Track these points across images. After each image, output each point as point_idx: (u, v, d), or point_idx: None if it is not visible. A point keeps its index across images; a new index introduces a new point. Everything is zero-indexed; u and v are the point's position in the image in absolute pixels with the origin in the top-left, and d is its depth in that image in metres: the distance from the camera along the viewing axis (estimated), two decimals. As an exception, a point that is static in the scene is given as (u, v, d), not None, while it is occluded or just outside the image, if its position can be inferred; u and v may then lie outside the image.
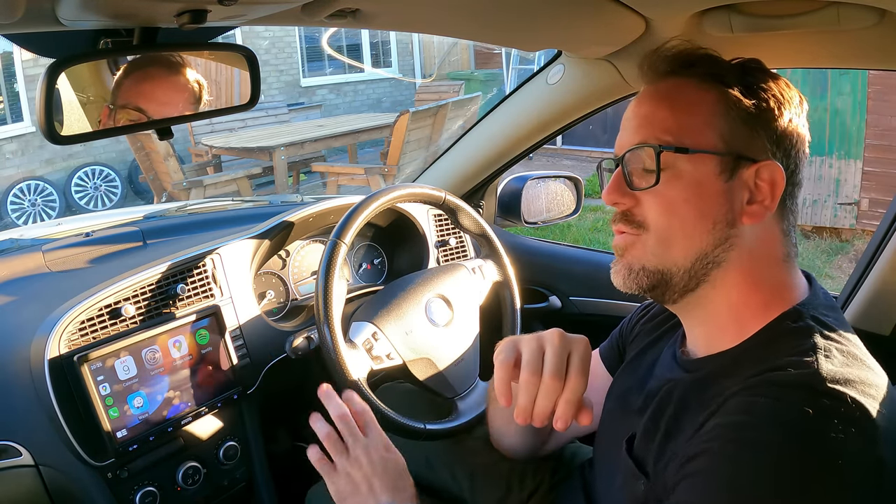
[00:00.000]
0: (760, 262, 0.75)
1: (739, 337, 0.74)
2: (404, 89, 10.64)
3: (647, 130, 0.76)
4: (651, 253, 0.75)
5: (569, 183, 1.80)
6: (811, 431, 0.60)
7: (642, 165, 0.75)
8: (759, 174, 0.73)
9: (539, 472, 1.14)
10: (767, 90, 0.75)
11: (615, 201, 0.77)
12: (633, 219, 0.77)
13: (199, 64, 0.97)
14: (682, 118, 0.75)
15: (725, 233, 0.73)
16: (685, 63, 0.77)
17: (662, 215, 0.74)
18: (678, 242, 0.74)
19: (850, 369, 0.65)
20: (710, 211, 0.73)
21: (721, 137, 0.73)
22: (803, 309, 0.72)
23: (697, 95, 0.75)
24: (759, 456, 0.60)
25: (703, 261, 0.74)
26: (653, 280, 0.76)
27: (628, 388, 0.90)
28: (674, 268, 0.75)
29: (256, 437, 1.32)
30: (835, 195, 5.05)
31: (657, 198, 0.74)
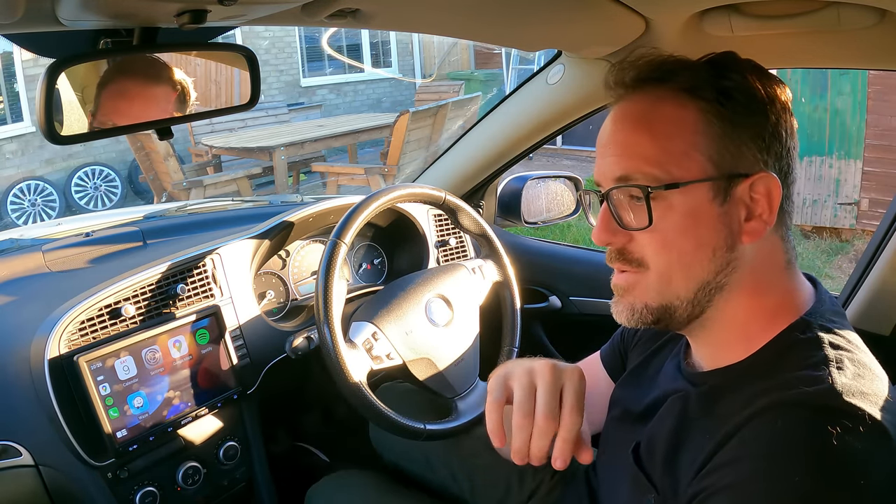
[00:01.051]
0: (763, 275, 0.73)
1: (747, 350, 0.72)
2: (404, 89, 10.64)
3: (629, 162, 0.72)
4: (653, 291, 0.73)
5: (569, 183, 1.80)
6: (833, 455, 0.59)
7: (629, 198, 0.72)
8: (754, 188, 0.70)
9: (539, 473, 1.14)
10: (746, 90, 0.71)
11: (607, 241, 0.75)
12: (630, 257, 0.74)
13: (200, 64, 0.97)
14: (665, 144, 0.71)
15: (726, 258, 0.71)
16: (656, 76, 0.73)
17: (660, 253, 0.72)
18: (678, 276, 0.72)
19: (863, 381, 0.64)
20: (708, 239, 0.71)
21: (709, 159, 0.70)
22: (811, 318, 0.71)
23: (676, 114, 0.71)
24: (783, 487, 0.59)
25: (705, 289, 0.72)
26: (656, 315, 0.74)
27: (632, 397, 0.89)
28: (676, 301, 0.73)
29: (256, 437, 1.32)
30: (835, 195, 5.05)
31: (652, 235, 0.71)
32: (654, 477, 0.75)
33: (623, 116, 0.74)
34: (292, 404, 1.66)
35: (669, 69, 0.73)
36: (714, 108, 0.70)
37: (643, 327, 0.76)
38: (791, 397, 0.63)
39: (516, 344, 1.36)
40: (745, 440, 0.63)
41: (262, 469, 1.33)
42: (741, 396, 0.67)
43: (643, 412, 0.84)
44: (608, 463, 0.92)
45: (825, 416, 0.60)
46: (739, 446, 0.63)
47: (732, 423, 0.65)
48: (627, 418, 0.88)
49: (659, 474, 0.73)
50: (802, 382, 0.64)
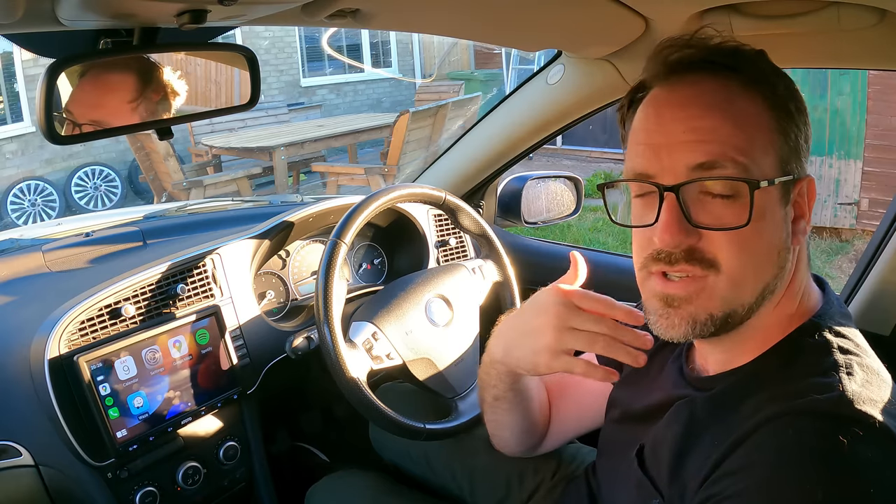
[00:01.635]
0: (793, 277, 0.71)
1: (754, 353, 0.71)
2: (404, 89, 10.64)
3: (715, 148, 0.64)
4: (720, 298, 0.67)
5: (569, 183, 1.80)
6: (845, 463, 0.58)
7: (712, 192, 0.65)
8: (801, 191, 0.69)
9: (539, 473, 1.14)
10: (793, 89, 0.68)
11: (680, 242, 0.66)
12: (702, 256, 0.66)
13: (200, 64, 0.97)
14: (752, 134, 0.65)
15: (784, 259, 0.69)
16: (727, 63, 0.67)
17: (737, 255, 0.66)
18: (749, 281, 0.67)
19: (872, 387, 0.63)
20: (776, 241, 0.68)
21: (780, 159, 0.66)
22: (820, 321, 0.70)
23: (751, 106, 0.66)
24: (795, 495, 0.58)
25: (763, 293, 0.68)
26: (718, 325, 0.68)
27: (632, 398, 0.89)
28: (740, 308, 0.68)
29: (256, 437, 1.32)
30: (835, 195, 5.05)
31: (730, 235, 0.65)
32: (659, 482, 0.74)
33: (690, 100, 0.67)
34: (292, 404, 1.66)
35: (740, 58, 0.68)
36: (781, 105, 0.67)
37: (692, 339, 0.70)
38: (802, 405, 0.62)
39: (516, 344, 1.36)
40: (756, 447, 0.62)
41: (261, 469, 1.33)
42: (750, 402, 0.67)
43: (644, 414, 0.83)
44: (609, 465, 0.91)
45: (837, 424, 0.60)
46: (750, 453, 0.63)
47: (742, 429, 0.64)
48: (628, 420, 0.88)
49: (665, 480, 0.72)
50: (813, 390, 0.63)
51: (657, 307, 0.70)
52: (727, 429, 0.66)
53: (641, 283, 0.73)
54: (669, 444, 0.73)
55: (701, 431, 0.71)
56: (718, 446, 0.66)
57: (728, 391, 0.71)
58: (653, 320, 0.71)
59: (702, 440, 0.70)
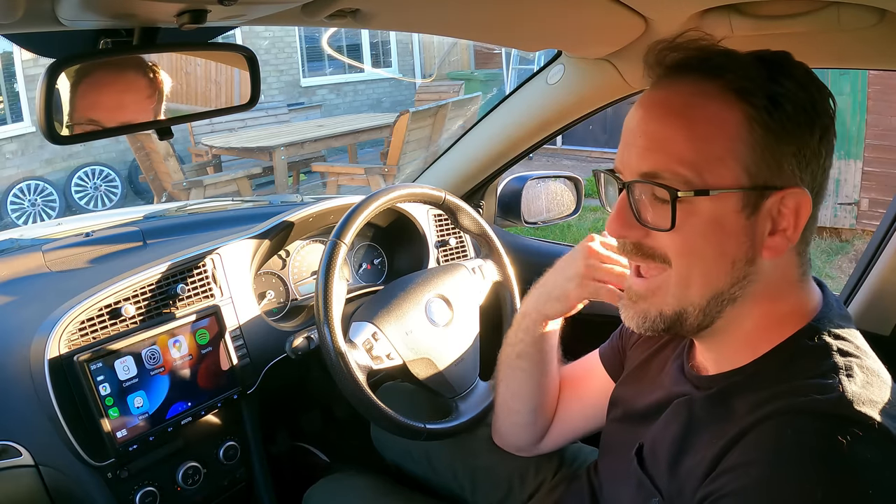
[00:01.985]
0: (776, 288, 0.71)
1: (753, 355, 0.71)
2: (404, 89, 10.64)
3: (659, 158, 0.67)
4: (672, 295, 0.70)
5: (569, 183, 1.80)
6: (844, 463, 0.58)
7: (652, 195, 0.68)
8: (784, 202, 0.66)
9: (540, 473, 1.14)
10: (796, 101, 0.65)
11: (623, 234, 0.71)
12: (652, 252, 0.70)
13: (200, 64, 0.97)
14: (702, 146, 0.66)
15: (744, 271, 0.68)
16: (705, 67, 0.67)
17: (681, 255, 0.68)
18: (696, 282, 0.69)
19: (872, 388, 0.64)
20: (730, 250, 0.67)
21: (744, 169, 0.65)
22: (819, 325, 0.70)
23: (719, 115, 0.66)
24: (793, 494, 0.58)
25: (717, 300, 0.69)
26: (668, 323, 0.72)
27: (633, 397, 0.89)
28: (689, 307, 0.70)
29: (256, 437, 1.32)
30: (835, 195, 5.05)
31: (672, 237, 0.68)
32: (658, 481, 0.74)
33: (659, 104, 0.69)
34: (292, 404, 1.66)
35: (721, 63, 0.67)
36: (760, 117, 0.65)
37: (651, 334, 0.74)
38: (802, 404, 0.63)
39: (516, 344, 1.36)
40: (755, 444, 0.63)
41: (261, 469, 1.33)
42: (749, 401, 0.67)
43: (645, 413, 0.83)
44: (610, 464, 0.91)
45: (836, 424, 0.60)
46: (749, 450, 0.63)
47: (740, 426, 0.65)
48: (629, 419, 0.88)
49: (664, 478, 0.73)
50: (813, 390, 0.63)
51: (624, 300, 0.77)
52: (725, 427, 0.67)
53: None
54: (668, 443, 0.74)
55: (699, 430, 0.71)
56: (717, 444, 0.66)
57: (727, 390, 0.71)
58: (620, 311, 0.78)
59: (700, 438, 0.70)
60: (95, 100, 0.86)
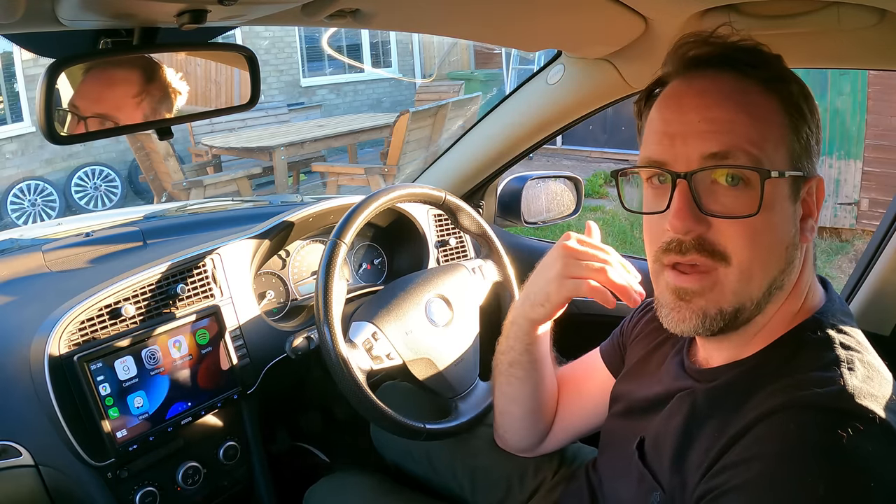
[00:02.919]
0: (799, 275, 0.72)
1: (757, 346, 0.72)
2: (404, 89, 10.64)
3: (728, 138, 0.65)
4: (731, 292, 0.68)
5: (569, 183, 1.80)
6: (845, 457, 0.59)
7: (723, 181, 0.66)
8: (810, 190, 0.70)
9: (540, 473, 1.14)
10: (809, 95, 0.70)
11: (690, 229, 0.67)
12: (712, 247, 0.67)
13: (200, 64, 0.97)
14: (764, 129, 0.67)
15: (791, 256, 0.69)
16: (745, 60, 0.69)
17: (746, 247, 0.66)
18: (758, 275, 0.68)
19: (872, 383, 0.64)
20: (784, 237, 0.69)
21: (791, 154, 0.68)
22: (822, 318, 0.71)
23: (764, 103, 0.67)
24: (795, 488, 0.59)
25: (770, 288, 0.69)
26: (728, 320, 0.69)
27: (634, 392, 0.89)
28: (748, 302, 0.68)
29: (256, 437, 1.32)
30: (835, 195, 5.05)
31: (740, 226, 0.66)
32: (660, 475, 0.74)
33: (711, 91, 0.68)
34: (292, 404, 1.66)
35: (754, 57, 0.69)
36: (795, 105, 0.69)
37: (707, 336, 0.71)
38: (803, 398, 0.63)
39: (516, 344, 1.36)
40: (757, 440, 0.63)
41: (261, 469, 1.33)
42: (751, 395, 0.67)
43: (646, 407, 0.84)
44: (610, 459, 0.92)
45: (837, 418, 0.60)
46: (750, 446, 0.63)
47: (743, 422, 0.65)
48: (630, 414, 0.88)
49: (666, 473, 0.73)
50: (814, 384, 0.64)
51: (670, 300, 0.71)
52: (728, 421, 0.67)
53: (655, 276, 0.74)
54: (670, 437, 0.74)
55: (702, 423, 0.71)
56: (719, 438, 0.66)
57: (729, 383, 0.72)
58: (665, 314, 0.72)
59: (703, 432, 0.70)
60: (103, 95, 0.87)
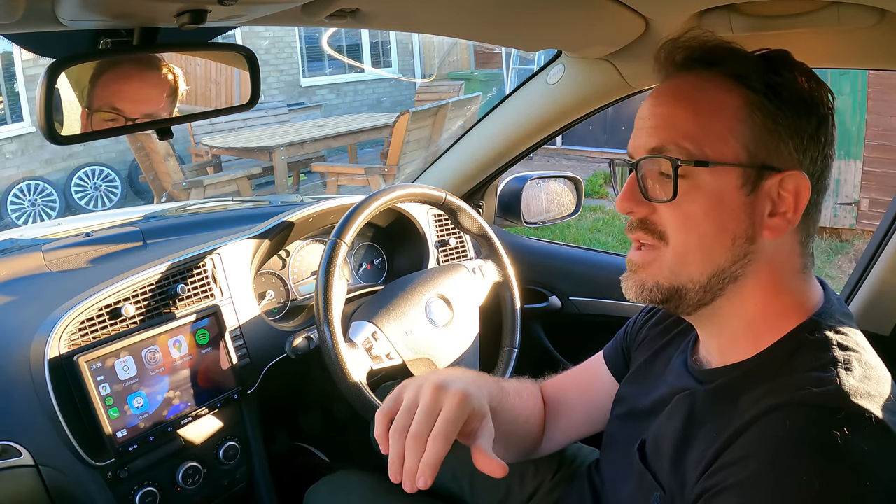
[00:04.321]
0: (778, 274, 0.73)
1: (755, 348, 0.72)
2: (404, 89, 10.64)
3: (666, 134, 0.71)
4: (667, 269, 0.73)
5: (569, 183, 1.80)
6: (841, 456, 0.59)
7: (658, 171, 0.72)
8: (783, 184, 0.70)
9: (539, 474, 1.14)
10: (794, 90, 0.70)
11: (630, 210, 0.75)
12: (653, 227, 0.73)
13: (200, 64, 0.97)
14: (705, 123, 0.70)
15: (745, 248, 0.71)
16: (708, 59, 0.73)
17: (680, 230, 0.72)
18: (695, 258, 0.72)
19: (870, 383, 0.64)
20: (730, 226, 0.70)
21: (744, 147, 0.69)
22: (820, 319, 0.71)
23: (721, 98, 0.71)
24: (790, 487, 0.59)
25: (719, 276, 0.72)
26: (666, 295, 0.74)
27: (637, 394, 0.89)
28: (689, 283, 0.72)
29: (256, 437, 1.32)
30: (835, 195, 5.05)
31: (675, 211, 0.71)
32: (660, 476, 0.75)
33: (665, 91, 0.74)
34: (292, 404, 1.66)
35: (721, 54, 0.72)
36: (759, 100, 0.70)
37: (650, 305, 0.77)
38: (799, 398, 0.63)
39: (516, 344, 1.36)
40: (753, 439, 0.63)
41: (261, 469, 1.33)
42: (749, 395, 0.67)
43: (649, 409, 0.84)
44: (612, 461, 0.92)
45: (833, 416, 0.60)
46: (747, 445, 0.63)
47: (740, 421, 0.65)
48: (633, 416, 0.88)
49: (666, 474, 0.73)
50: (811, 383, 0.64)
51: (625, 272, 0.79)
52: (726, 421, 0.67)
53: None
54: (670, 437, 0.74)
55: (701, 424, 0.72)
56: (717, 438, 0.67)
57: (728, 384, 0.72)
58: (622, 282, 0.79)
59: (701, 433, 0.71)
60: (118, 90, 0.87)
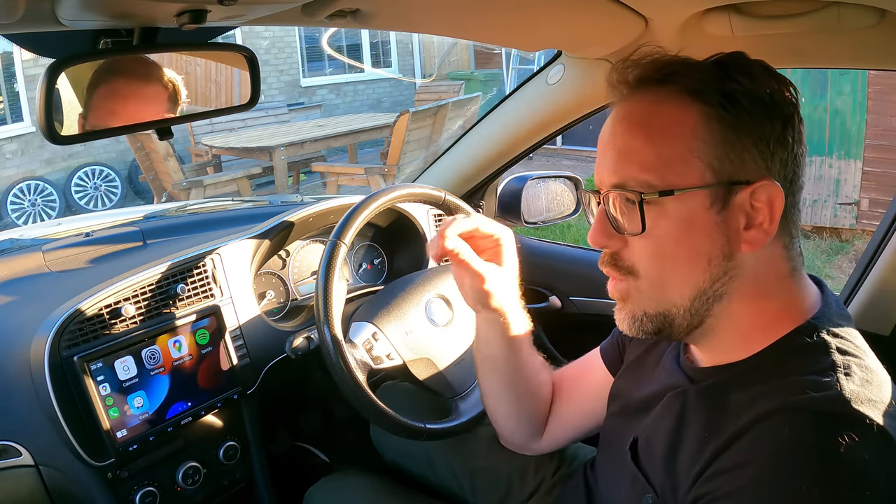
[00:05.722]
0: (765, 283, 0.71)
1: (748, 352, 0.71)
2: (404, 89, 10.64)
3: (626, 168, 0.70)
4: (648, 298, 0.73)
5: (569, 183, 1.80)
6: (841, 463, 0.58)
7: (624, 204, 0.71)
8: (755, 196, 0.67)
9: (539, 472, 1.14)
10: (752, 95, 0.68)
11: (603, 245, 0.74)
12: (621, 264, 0.73)
13: (200, 64, 0.97)
14: (662, 150, 0.69)
15: (723, 266, 0.69)
16: (659, 76, 0.71)
17: (652, 260, 0.71)
18: (673, 284, 0.71)
19: (871, 388, 0.63)
20: (704, 248, 0.69)
21: (708, 166, 0.67)
22: (818, 322, 0.70)
23: (676, 118, 0.69)
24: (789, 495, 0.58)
25: (702, 298, 0.70)
26: (657, 324, 0.73)
27: (630, 391, 0.89)
28: (673, 309, 0.72)
29: (256, 437, 1.32)
30: (835, 195, 5.05)
31: (645, 242, 0.70)
32: (652, 477, 0.74)
33: (622, 118, 0.72)
34: (292, 404, 1.66)
35: (673, 70, 0.70)
36: (717, 113, 0.67)
37: (646, 337, 0.75)
38: (798, 402, 0.62)
39: (516, 344, 1.35)
40: (750, 445, 0.62)
41: (261, 469, 1.33)
42: (744, 396, 0.67)
43: (640, 406, 0.84)
44: (607, 460, 0.92)
45: (833, 423, 0.60)
46: (744, 451, 0.62)
47: (736, 425, 0.64)
48: (625, 412, 0.88)
49: (658, 475, 0.73)
50: (810, 388, 0.63)
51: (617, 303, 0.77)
52: (720, 423, 0.67)
53: None
54: (661, 438, 0.74)
55: (692, 424, 0.71)
56: (712, 441, 0.66)
57: (721, 385, 0.71)
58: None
59: (693, 433, 0.70)
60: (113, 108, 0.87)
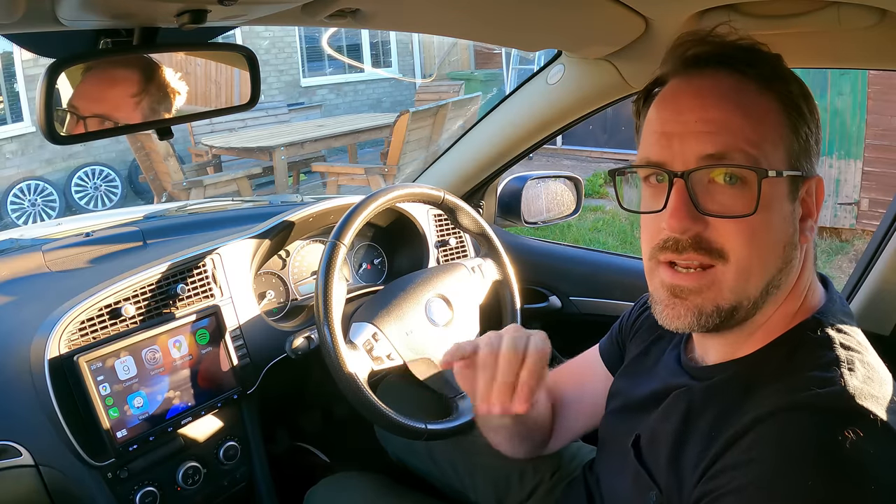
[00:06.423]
0: (799, 275, 0.72)
1: (755, 346, 0.71)
2: (404, 89, 10.64)
3: (725, 139, 0.65)
4: (729, 289, 0.67)
5: (569, 183, 1.80)
6: (846, 459, 0.58)
7: (721, 180, 0.66)
8: (809, 190, 0.70)
9: (539, 472, 1.14)
10: (808, 96, 0.70)
11: (687, 228, 0.66)
12: (710, 245, 0.67)
13: (200, 64, 0.97)
14: (760, 128, 0.66)
15: (788, 256, 0.69)
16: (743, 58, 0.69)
17: (744, 244, 0.66)
18: (756, 273, 0.67)
19: (873, 384, 0.64)
20: (783, 236, 0.68)
21: (789, 154, 0.68)
22: (823, 318, 0.70)
23: (763, 102, 0.67)
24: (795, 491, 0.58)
25: (767, 287, 0.68)
26: (724, 318, 0.68)
27: (631, 388, 0.89)
28: (745, 301, 0.68)
29: (256, 437, 1.32)
30: (835, 195, 5.05)
31: (738, 224, 0.66)
32: (656, 474, 0.74)
33: (708, 91, 0.68)
34: (292, 404, 1.66)
35: (753, 56, 0.69)
36: (793, 105, 0.68)
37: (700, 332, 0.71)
38: (802, 399, 0.62)
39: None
40: (756, 442, 0.62)
41: (261, 469, 1.33)
42: (749, 394, 0.67)
43: (642, 403, 0.83)
44: (608, 457, 0.91)
45: (837, 419, 0.60)
46: (750, 448, 0.62)
47: (741, 423, 0.64)
48: (626, 410, 0.88)
49: (663, 472, 0.72)
50: (814, 384, 0.63)
51: (664, 297, 0.71)
52: (725, 421, 0.66)
53: (649, 273, 0.73)
54: (667, 436, 0.73)
55: (698, 422, 0.71)
56: (717, 439, 0.66)
57: (726, 381, 0.71)
58: (658, 310, 0.72)
59: (699, 431, 0.70)
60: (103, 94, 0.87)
